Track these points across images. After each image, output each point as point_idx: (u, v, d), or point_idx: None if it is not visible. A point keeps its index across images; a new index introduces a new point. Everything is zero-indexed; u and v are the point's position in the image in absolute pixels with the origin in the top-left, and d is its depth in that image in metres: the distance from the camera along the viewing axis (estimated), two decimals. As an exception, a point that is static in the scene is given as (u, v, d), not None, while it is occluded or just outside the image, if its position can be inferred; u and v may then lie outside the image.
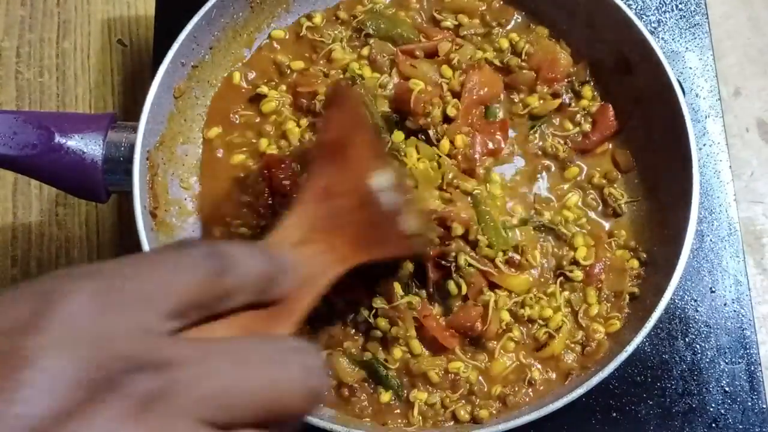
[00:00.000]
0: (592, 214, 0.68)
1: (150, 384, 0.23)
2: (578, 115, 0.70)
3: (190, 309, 0.28)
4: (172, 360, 0.25)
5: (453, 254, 0.62)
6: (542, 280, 0.65)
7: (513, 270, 0.64)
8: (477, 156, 0.66)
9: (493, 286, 0.64)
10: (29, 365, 0.22)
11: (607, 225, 0.68)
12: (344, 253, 0.46)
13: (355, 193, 0.50)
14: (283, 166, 0.66)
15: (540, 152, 0.69)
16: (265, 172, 0.66)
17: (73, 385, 0.22)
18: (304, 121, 0.69)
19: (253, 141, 0.70)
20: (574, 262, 0.66)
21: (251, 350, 0.28)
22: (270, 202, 0.66)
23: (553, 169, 0.69)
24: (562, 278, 0.65)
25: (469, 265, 0.63)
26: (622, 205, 0.68)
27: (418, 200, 0.60)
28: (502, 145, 0.68)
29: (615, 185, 0.69)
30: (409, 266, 0.63)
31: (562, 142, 0.69)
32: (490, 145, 0.67)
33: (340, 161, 0.50)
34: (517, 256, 0.64)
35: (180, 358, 0.25)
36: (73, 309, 0.24)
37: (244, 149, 0.70)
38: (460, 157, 0.66)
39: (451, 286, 0.62)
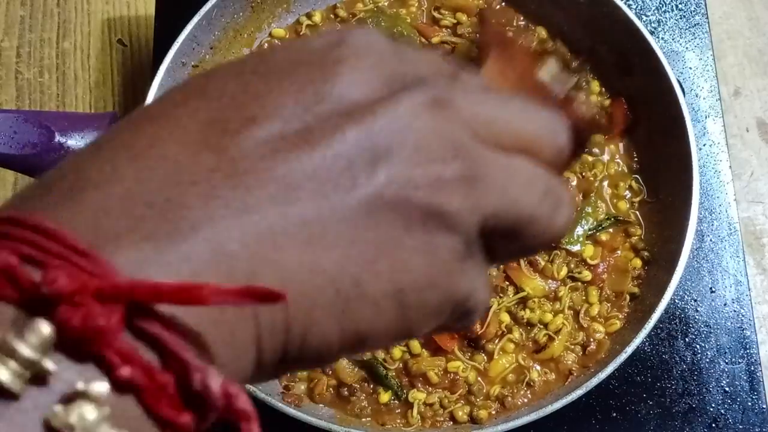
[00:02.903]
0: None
1: (438, 92, 0.27)
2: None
3: None
4: (452, 85, 0.28)
5: None
6: (553, 288, 0.65)
7: (533, 273, 0.65)
8: None
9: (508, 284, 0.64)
10: (344, 63, 0.26)
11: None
12: None
13: (525, 80, 0.51)
14: None
15: None
16: None
17: (378, 82, 0.26)
18: None
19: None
20: (582, 262, 0.66)
21: (509, 98, 0.31)
22: None
23: None
24: (570, 280, 0.65)
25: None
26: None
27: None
28: None
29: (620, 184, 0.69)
30: None
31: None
32: None
33: (509, 52, 0.52)
34: (542, 261, 0.65)
35: (457, 86, 0.28)
36: (371, 36, 0.28)
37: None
38: None
39: None
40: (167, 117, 0.25)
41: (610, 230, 0.67)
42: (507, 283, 0.64)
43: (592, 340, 0.64)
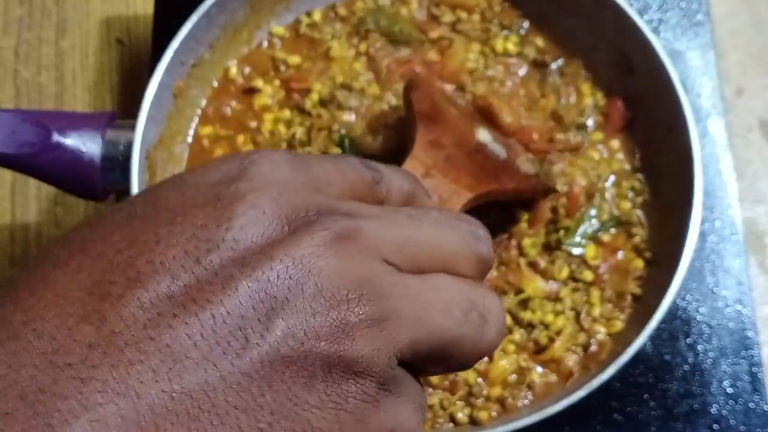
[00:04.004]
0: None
1: (342, 224, 0.26)
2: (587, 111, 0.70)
3: None
4: (358, 212, 0.27)
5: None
6: (554, 288, 0.65)
7: (533, 274, 0.64)
8: None
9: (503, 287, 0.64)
10: (240, 201, 0.25)
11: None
12: (469, 184, 0.46)
13: (466, 144, 0.49)
14: None
15: None
16: None
17: (277, 220, 0.25)
18: (285, 113, 0.69)
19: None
20: (583, 263, 0.65)
21: (422, 213, 0.30)
22: None
23: None
24: (571, 281, 0.65)
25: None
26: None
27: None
28: None
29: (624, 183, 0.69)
30: None
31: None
32: None
33: (441, 123, 0.50)
34: (542, 262, 0.64)
35: (363, 211, 0.27)
36: (274, 165, 0.27)
37: (225, 144, 0.69)
38: None
39: None
40: (45, 282, 0.23)
41: (612, 231, 0.67)
42: (507, 284, 0.64)
43: (593, 341, 0.64)
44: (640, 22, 0.66)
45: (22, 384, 0.21)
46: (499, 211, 0.64)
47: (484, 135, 0.52)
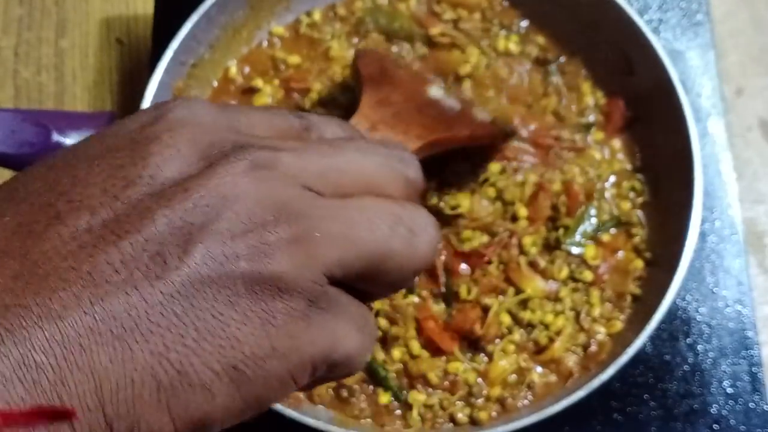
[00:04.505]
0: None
1: (259, 154, 0.26)
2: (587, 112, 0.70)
3: None
4: (276, 145, 0.28)
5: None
6: (554, 288, 0.65)
7: (533, 273, 0.64)
8: None
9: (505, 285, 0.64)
10: (156, 141, 0.26)
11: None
12: (419, 132, 0.45)
13: (415, 100, 0.48)
14: None
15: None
16: None
17: (194, 155, 0.26)
18: None
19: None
20: (583, 263, 0.65)
21: (345, 141, 0.30)
22: None
23: None
24: (571, 281, 0.65)
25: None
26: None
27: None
28: None
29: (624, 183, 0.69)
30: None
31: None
32: None
33: (389, 84, 0.49)
34: (542, 261, 0.64)
35: (283, 145, 0.28)
36: (191, 109, 0.27)
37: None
38: None
39: (462, 289, 0.63)
40: None
41: (612, 231, 0.67)
42: (507, 284, 0.64)
43: (593, 341, 0.64)
44: (640, 22, 0.66)
45: None
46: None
47: (436, 91, 0.51)
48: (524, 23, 0.73)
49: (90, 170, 0.25)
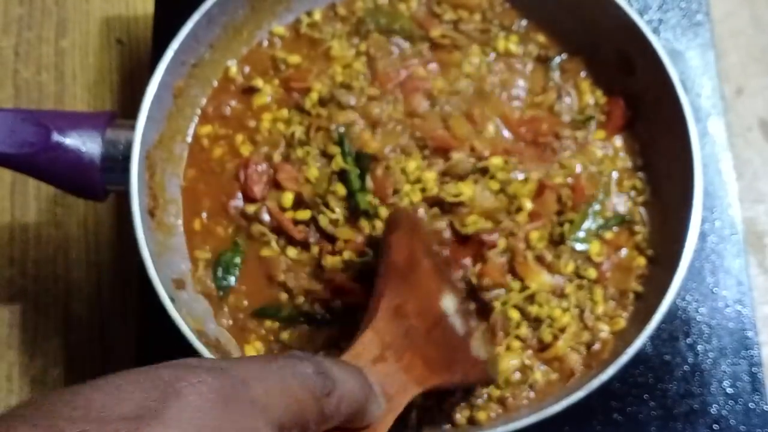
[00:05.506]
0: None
1: None
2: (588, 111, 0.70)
3: (293, 426, 0.30)
4: None
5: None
6: (560, 282, 0.65)
7: (539, 267, 0.64)
8: None
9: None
10: None
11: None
12: (420, 373, 0.48)
13: (428, 315, 0.52)
14: (257, 169, 0.66)
15: None
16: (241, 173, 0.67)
17: None
18: (284, 112, 0.69)
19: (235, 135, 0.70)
20: (588, 260, 0.65)
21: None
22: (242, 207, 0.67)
23: None
24: (575, 277, 0.65)
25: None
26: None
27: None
28: None
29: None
30: None
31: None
32: None
33: (410, 282, 0.52)
34: (548, 256, 0.64)
35: None
36: (196, 403, 0.25)
37: (224, 143, 0.69)
38: None
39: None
40: None
41: (615, 229, 0.67)
42: (513, 277, 0.64)
43: (596, 339, 0.64)
44: (640, 22, 0.66)
45: None
46: None
47: (447, 303, 0.54)
48: (524, 23, 0.73)
49: None
